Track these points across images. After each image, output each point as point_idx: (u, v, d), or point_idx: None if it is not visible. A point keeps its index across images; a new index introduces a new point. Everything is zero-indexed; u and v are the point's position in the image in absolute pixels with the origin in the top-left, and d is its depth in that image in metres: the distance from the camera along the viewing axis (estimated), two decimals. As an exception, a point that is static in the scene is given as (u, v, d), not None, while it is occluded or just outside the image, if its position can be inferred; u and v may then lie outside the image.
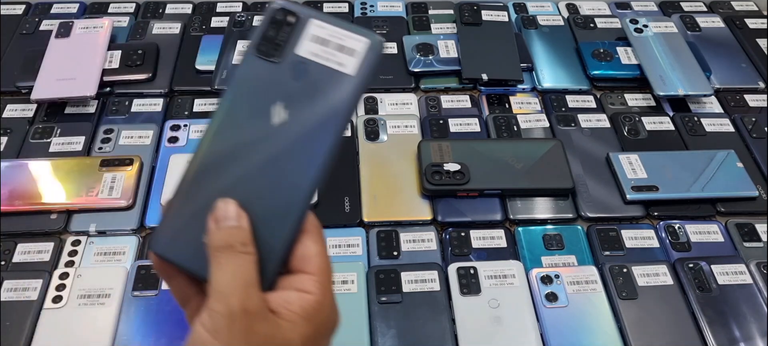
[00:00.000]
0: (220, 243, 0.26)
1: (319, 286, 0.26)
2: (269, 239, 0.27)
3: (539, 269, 0.51)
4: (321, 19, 0.28)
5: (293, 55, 0.27)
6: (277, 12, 0.28)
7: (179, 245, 0.27)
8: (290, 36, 0.28)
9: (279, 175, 0.27)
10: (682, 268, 0.52)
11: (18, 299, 0.48)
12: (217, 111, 0.28)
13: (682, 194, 0.57)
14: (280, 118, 0.27)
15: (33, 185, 0.55)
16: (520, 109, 0.66)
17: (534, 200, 0.57)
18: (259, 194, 0.27)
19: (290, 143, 0.27)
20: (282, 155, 0.27)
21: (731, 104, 0.68)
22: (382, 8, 0.77)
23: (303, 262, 0.27)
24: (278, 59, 0.27)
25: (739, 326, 0.48)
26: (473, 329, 0.47)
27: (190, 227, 0.27)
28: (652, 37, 0.71)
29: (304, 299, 0.26)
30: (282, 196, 0.27)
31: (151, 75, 0.66)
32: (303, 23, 0.28)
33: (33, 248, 0.52)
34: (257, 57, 0.28)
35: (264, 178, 0.27)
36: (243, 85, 0.28)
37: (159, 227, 0.28)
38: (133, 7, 0.76)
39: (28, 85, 0.63)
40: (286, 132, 0.27)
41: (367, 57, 0.27)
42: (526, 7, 0.78)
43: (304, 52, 0.27)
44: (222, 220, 0.26)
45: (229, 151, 0.27)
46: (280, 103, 0.27)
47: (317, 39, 0.28)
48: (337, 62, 0.27)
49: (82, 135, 0.60)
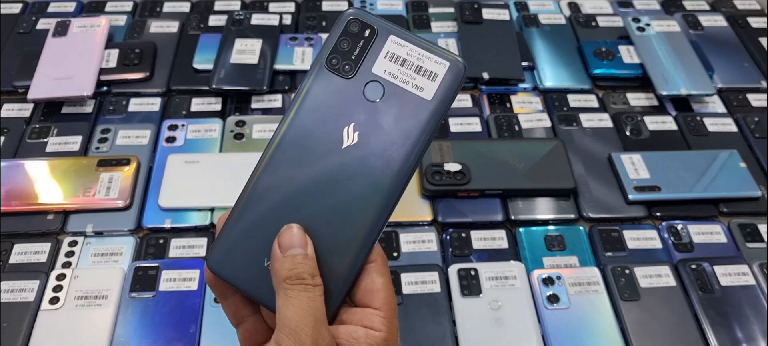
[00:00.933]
0: (288, 274, 0.25)
1: (386, 323, 0.26)
2: (335, 268, 0.25)
3: (541, 270, 0.51)
4: (400, 36, 0.26)
5: (368, 73, 0.26)
6: (352, 23, 0.26)
7: (238, 266, 0.26)
8: (365, 51, 0.26)
9: (348, 201, 0.25)
10: (685, 269, 0.51)
11: (15, 300, 0.48)
12: (282, 125, 0.26)
13: (684, 195, 0.57)
14: (351, 140, 0.25)
15: (30, 185, 0.55)
16: (522, 109, 0.66)
17: (535, 201, 0.56)
18: (326, 220, 0.25)
19: (361, 169, 0.25)
20: (352, 180, 0.25)
21: (734, 104, 0.67)
22: (381, 6, 0.77)
23: (369, 296, 0.26)
24: (351, 75, 0.26)
25: (742, 328, 0.48)
26: (474, 330, 0.47)
27: (251, 248, 0.26)
28: (654, 36, 0.71)
29: (372, 336, 0.25)
30: (350, 224, 0.25)
31: (149, 74, 0.66)
32: (380, 38, 0.26)
33: (30, 248, 0.51)
34: (328, 71, 0.26)
35: (331, 203, 0.25)
36: (312, 101, 0.26)
37: (217, 243, 0.26)
38: (131, 6, 0.75)
39: (24, 84, 0.63)
40: (357, 156, 0.25)
41: (448, 82, 0.25)
42: (528, 5, 0.78)
43: (380, 71, 0.26)
44: (288, 248, 0.25)
45: (294, 170, 0.26)
46: (352, 125, 0.25)
47: (395, 57, 0.26)
48: (416, 85, 0.25)
49: (79, 135, 0.60)
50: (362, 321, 0.26)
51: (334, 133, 0.26)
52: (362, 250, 0.26)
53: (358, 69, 0.26)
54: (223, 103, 0.64)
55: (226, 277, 0.26)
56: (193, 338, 0.46)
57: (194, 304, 0.48)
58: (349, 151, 0.25)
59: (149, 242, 0.52)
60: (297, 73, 0.67)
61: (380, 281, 0.26)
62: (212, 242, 0.27)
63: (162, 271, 0.50)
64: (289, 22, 0.73)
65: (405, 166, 0.25)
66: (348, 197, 0.25)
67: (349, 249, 0.25)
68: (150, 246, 0.52)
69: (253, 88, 0.64)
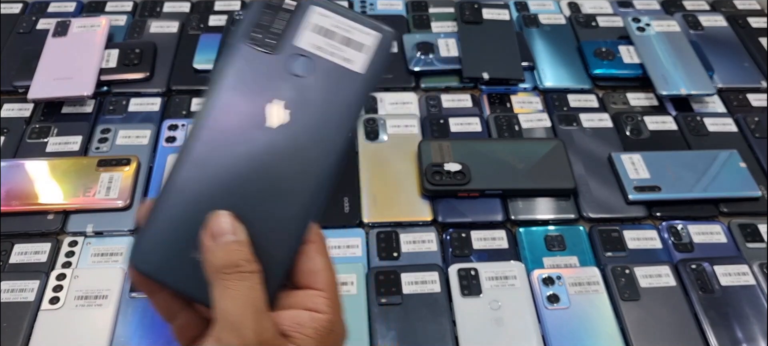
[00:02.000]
0: (223, 263, 0.23)
1: (330, 304, 0.25)
2: (271, 252, 0.24)
3: (541, 270, 0.51)
4: (324, 6, 0.24)
5: (292, 47, 0.24)
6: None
7: (164, 261, 0.24)
8: (288, 24, 0.24)
9: (279, 182, 0.24)
10: (685, 269, 0.51)
11: (15, 301, 0.48)
12: (204, 108, 0.24)
13: (684, 195, 0.57)
14: (279, 118, 0.24)
15: (30, 185, 0.55)
16: (522, 109, 0.66)
17: (535, 201, 0.56)
18: (256, 204, 0.24)
19: (290, 147, 0.24)
20: (281, 160, 0.24)
21: (734, 104, 0.67)
22: (381, 6, 0.77)
23: (310, 277, 0.25)
24: (274, 51, 0.24)
25: (742, 328, 0.48)
26: (474, 330, 0.47)
27: (177, 241, 0.24)
28: (654, 36, 0.71)
29: (317, 319, 0.24)
30: (282, 206, 0.24)
31: (149, 74, 0.66)
32: (303, 10, 0.24)
33: (30, 248, 0.51)
34: (249, 47, 0.24)
35: (260, 185, 0.24)
36: (233, 79, 0.24)
37: (139, 238, 0.25)
38: (131, 6, 0.75)
39: (24, 84, 0.63)
40: (285, 134, 0.24)
41: (378, 53, 0.24)
42: (528, 5, 0.78)
43: (306, 44, 0.24)
44: (218, 235, 0.24)
45: (217, 154, 0.24)
46: (278, 102, 0.24)
47: (321, 29, 0.24)
48: (344, 57, 0.24)
49: (79, 135, 0.60)
50: (305, 304, 0.25)
51: (259, 111, 0.24)
52: (298, 231, 0.24)
53: (281, 43, 0.24)
54: (223, 103, 0.64)
55: (153, 274, 0.24)
56: (193, 338, 0.46)
57: (194, 304, 0.48)
58: (277, 130, 0.24)
59: (149, 242, 0.52)
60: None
61: (321, 261, 0.25)
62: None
63: (162, 271, 0.50)
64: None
65: (337, 142, 0.24)
66: (278, 178, 0.24)
67: (284, 232, 0.24)
68: (150, 246, 0.52)
69: (253, 88, 0.64)
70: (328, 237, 0.57)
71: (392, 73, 0.68)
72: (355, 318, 0.47)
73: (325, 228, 0.53)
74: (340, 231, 0.53)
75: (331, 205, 0.55)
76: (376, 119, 0.62)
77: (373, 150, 0.60)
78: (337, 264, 0.53)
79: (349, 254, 0.52)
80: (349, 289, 0.49)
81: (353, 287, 0.49)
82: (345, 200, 0.55)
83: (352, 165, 0.58)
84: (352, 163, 0.59)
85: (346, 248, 0.52)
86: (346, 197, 0.56)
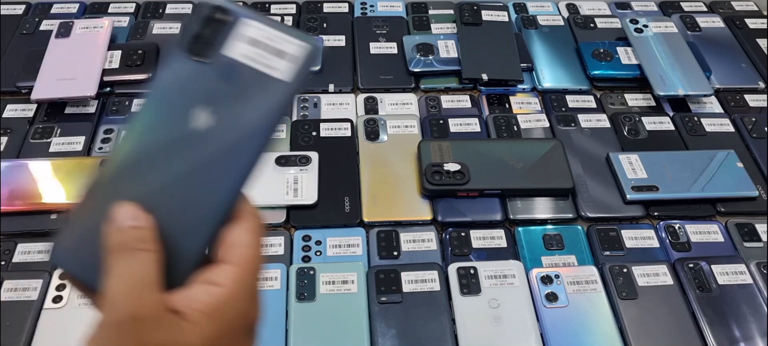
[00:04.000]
0: (113, 243, 0.23)
1: (232, 277, 0.24)
2: (181, 236, 0.25)
3: (539, 269, 0.51)
4: (254, 19, 0.26)
5: (223, 56, 0.26)
6: (209, 7, 0.26)
7: (78, 255, 0.25)
8: (222, 35, 0.26)
9: (195, 178, 0.25)
10: (682, 268, 0.52)
11: (18, 299, 0.48)
12: (137, 113, 0.26)
13: (682, 194, 0.57)
14: (203, 121, 0.25)
15: (33, 185, 0.55)
16: (520, 109, 0.66)
17: (534, 200, 0.57)
18: (171, 197, 0.25)
19: (209, 147, 0.25)
20: (198, 156, 0.25)
21: (731, 104, 0.67)
22: (382, 8, 0.77)
23: (226, 251, 0.24)
24: (207, 59, 0.26)
25: (739, 326, 0.48)
26: (473, 329, 0.47)
27: (91, 234, 0.25)
28: (652, 37, 0.71)
29: (212, 292, 0.23)
30: (197, 197, 0.25)
31: (152, 75, 0.66)
32: (232, 22, 0.26)
33: (33, 248, 0.52)
34: (185, 56, 0.26)
35: (174, 178, 0.25)
36: (166, 85, 0.26)
37: (59, 236, 0.25)
38: (134, 7, 0.76)
39: (28, 85, 0.63)
40: (206, 136, 0.25)
41: (302, 62, 0.26)
42: (526, 7, 0.78)
43: (235, 54, 0.26)
44: (119, 221, 0.24)
45: (142, 154, 0.25)
46: (203, 106, 0.25)
47: (250, 40, 0.26)
48: (269, 66, 0.25)
49: (82, 135, 0.60)
50: (205, 277, 0.24)
51: (184, 114, 0.25)
52: (212, 216, 0.25)
53: (213, 53, 0.26)
54: (224, 103, 0.65)
55: (66, 267, 0.25)
56: (195, 336, 0.47)
57: (196, 302, 0.48)
58: (197, 129, 0.25)
59: (151, 242, 0.53)
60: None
61: (242, 237, 0.24)
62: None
63: (164, 270, 0.50)
64: (290, 24, 0.74)
65: (255, 144, 0.25)
66: (194, 175, 0.25)
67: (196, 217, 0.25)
68: (152, 245, 0.52)
69: (254, 89, 0.65)
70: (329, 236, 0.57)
71: (392, 74, 0.68)
72: (356, 317, 0.48)
73: (326, 227, 0.54)
74: (340, 230, 0.54)
75: (331, 204, 0.55)
76: (376, 120, 0.63)
77: (374, 150, 0.60)
78: (338, 263, 0.54)
79: (350, 253, 0.52)
80: (349, 288, 0.49)
81: (354, 286, 0.49)
82: (346, 200, 0.56)
83: (352, 165, 0.59)
84: (353, 163, 0.59)
85: (346, 246, 0.53)
86: (346, 196, 0.56)
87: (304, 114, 0.64)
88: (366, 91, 0.67)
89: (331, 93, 0.67)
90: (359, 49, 0.71)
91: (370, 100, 0.66)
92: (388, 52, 0.71)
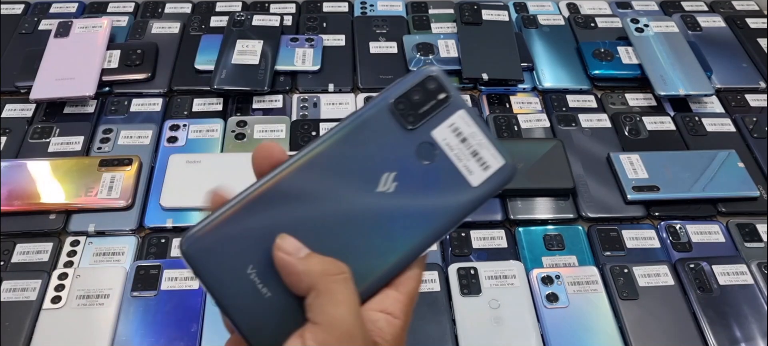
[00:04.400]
0: (326, 268, 0.23)
1: (403, 309, 0.25)
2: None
3: (540, 269, 0.51)
4: (469, 114, 0.26)
5: (427, 134, 0.25)
6: (430, 80, 0.26)
7: (215, 261, 0.24)
8: (432, 112, 0.26)
9: (359, 242, 0.25)
10: (683, 268, 0.52)
11: (17, 300, 0.48)
12: (324, 138, 0.25)
13: (683, 194, 0.57)
14: (387, 187, 0.25)
15: (32, 185, 0.55)
16: (521, 109, 0.66)
17: (534, 200, 0.56)
18: (331, 244, 0.24)
19: (382, 219, 0.25)
20: (369, 224, 0.25)
21: (732, 104, 0.67)
22: (382, 7, 0.77)
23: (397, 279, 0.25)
24: (411, 127, 0.25)
25: (740, 327, 0.48)
26: (473, 329, 0.47)
27: (241, 247, 0.24)
28: (653, 37, 0.71)
29: (393, 324, 0.24)
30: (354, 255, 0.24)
31: (151, 75, 0.66)
32: (450, 107, 0.26)
33: (32, 248, 0.52)
34: (390, 112, 0.26)
35: (343, 237, 0.25)
36: (363, 131, 0.25)
37: (201, 225, 0.24)
38: (133, 7, 0.76)
39: (27, 84, 0.63)
40: (385, 205, 0.25)
41: (496, 177, 0.25)
42: (527, 6, 0.78)
43: (439, 138, 0.26)
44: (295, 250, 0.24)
45: (317, 187, 0.25)
46: (393, 174, 0.25)
47: (457, 131, 0.26)
48: (466, 166, 0.25)
49: (81, 135, 0.60)
50: (381, 306, 0.24)
51: (374, 172, 0.25)
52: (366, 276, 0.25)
53: (419, 125, 0.26)
54: (224, 103, 0.65)
55: (197, 266, 0.24)
56: (195, 337, 0.47)
57: (195, 303, 0.48)
58: (380, 197, 0.25)
59: (151, 242, 0.53)
60: (297, 73, 0.68)
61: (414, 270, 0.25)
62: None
63: (163, 270, 0.50)
64: (290, 23, 0.74)
65: (425, 236, 0.25)
66: (361, 239, 0.25)
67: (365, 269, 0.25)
68: (151, 246, 0.52)
69: (254, 89, 0.65)
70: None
71: (392, 74, 0.68)
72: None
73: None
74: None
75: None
76: (376, 120, 0.63)
77: (373, 150, 0.60)
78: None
79: (350, 254, 0.52)
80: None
81: (353, 286, 0.49)
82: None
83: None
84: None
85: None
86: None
87: (303, 114, 0.64)
88: (366, 91, 0.67)
89: (330, 93, 0.66)
90: (359, 48, 0.71)
91: (369, 99, 0.66)
92: (388, 52, 0.71)
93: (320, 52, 0.69)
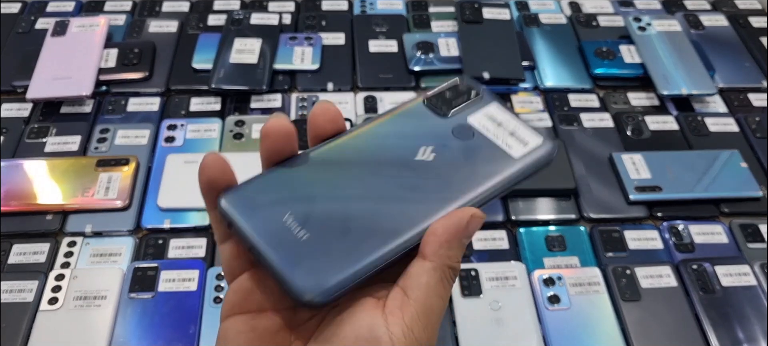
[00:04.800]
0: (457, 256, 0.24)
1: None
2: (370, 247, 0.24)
3: (541, 270, 0.51)
4: (502, 106, 0.27)
5: (463, 119, 0.27)
6: (462, 82, 0.28)
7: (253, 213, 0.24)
8: (465, 104, 0.27)
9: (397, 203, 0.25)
10: (686, 269, 0.51)
11: (13, 301, 0.47)
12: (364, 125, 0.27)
13: (685, 195, 0.56)
14: (425, 156, 0.26)
15: (28, 186, 0.54)
16: (522, 109, 0.65)
17: (536, 201, 0.56)
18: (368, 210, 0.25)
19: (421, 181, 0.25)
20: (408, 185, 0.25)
21: (735, 104, 0.67)
22: (381, 6, 0.77)
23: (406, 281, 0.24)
24: (446, 115, 0.27)
25: (743, 328, 0.48)
26: (474, 331, 0.47)
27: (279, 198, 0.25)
28: (655, 36, 0.71)
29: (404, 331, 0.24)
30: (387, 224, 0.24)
31: (148, 74, 0.66)
32: (483, 100, 0.28)
33: (28, 249, 0.51)
34: (425, 106, 0.28)
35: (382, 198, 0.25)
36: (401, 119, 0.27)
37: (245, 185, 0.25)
38: (130, 6, 0.75)
39: (23, 84, 0.63)
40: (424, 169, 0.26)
41: (536, 151, 0.26)
42: (528, 5, 0.77)
43: (475, 122, 0.27)
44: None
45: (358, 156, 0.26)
46: (432, 146, 0.26)
47: (493, 119, 0.27)
48: (506, 143, 0.26)
49: (78, 135, 0.60)
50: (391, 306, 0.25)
51: (412, 146, 0.26)
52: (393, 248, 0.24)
53: (454, 113, 0.27)
54: (222, 103, 0.64)
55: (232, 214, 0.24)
56: (193, 338, 0.46)
57: (193, 304, 0.48)
58: (419, 163, 0.26)
59: (148, 243, 0.52)
60: (297, 72, 0.67)
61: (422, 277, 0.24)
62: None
63: (161, 271, 0.49)
64: (288, 22, 0.73)
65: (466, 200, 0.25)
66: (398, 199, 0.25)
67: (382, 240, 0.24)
68: (149, 246, 0.52)
69: (252, 88, 0.64)
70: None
71: (392, 72, 0.68)
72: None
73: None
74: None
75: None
76: (376, 119, 0.62)
77: (373, 150, 0.60)
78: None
79: (349, 255, 0.52)
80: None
81: (353, 288, 0.49)
82: (345, 200, 0.55)
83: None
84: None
85: (345, 248, 0.52)
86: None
87: (302, 113, 0.64)
88: (365, 90, 0.66)
89: (330, 92, 0.66)
90: (358, 47, 0.70)
91: (369, 99, 0.65)
92: (388, 51, 0.70)
93: (319, 50, 0.68)
